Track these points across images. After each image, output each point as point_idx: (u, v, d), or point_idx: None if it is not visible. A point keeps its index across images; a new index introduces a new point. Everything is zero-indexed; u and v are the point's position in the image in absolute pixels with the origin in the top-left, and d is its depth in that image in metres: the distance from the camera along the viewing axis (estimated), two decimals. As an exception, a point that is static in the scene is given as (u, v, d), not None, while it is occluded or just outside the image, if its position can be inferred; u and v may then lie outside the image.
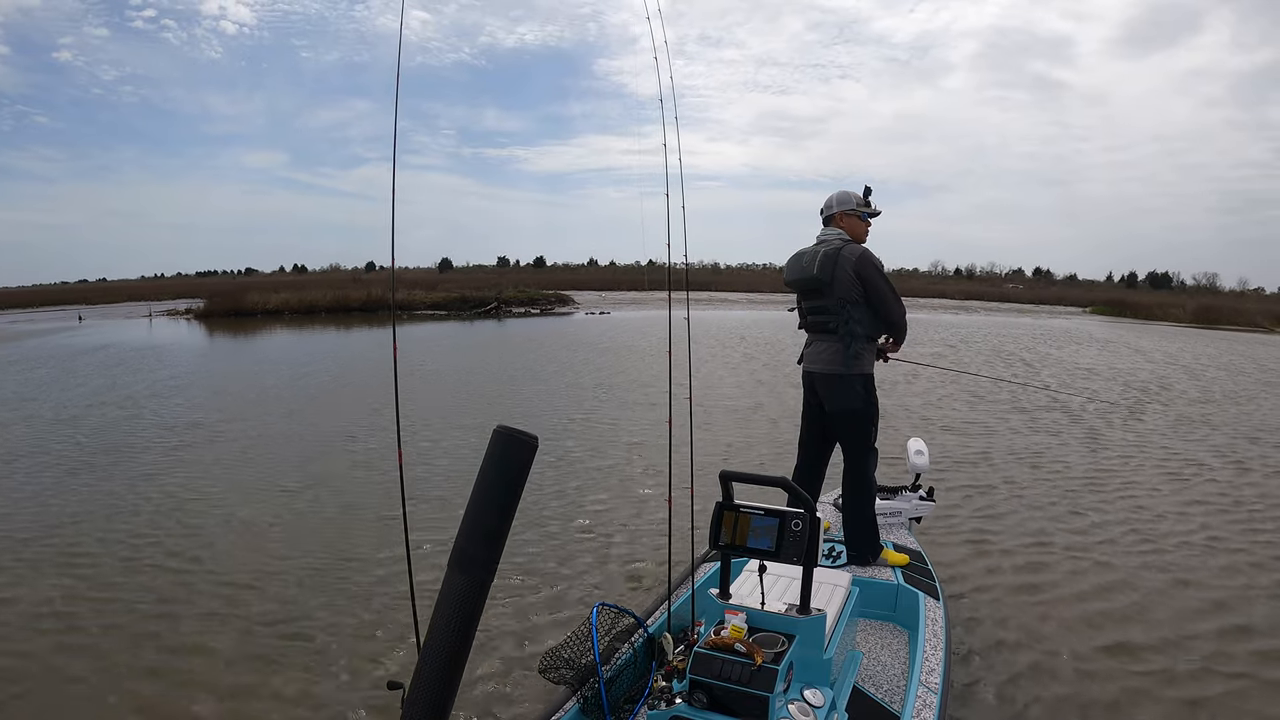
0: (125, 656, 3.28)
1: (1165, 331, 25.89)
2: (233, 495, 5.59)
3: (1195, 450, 7.28)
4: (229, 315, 25.81)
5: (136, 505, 5.36)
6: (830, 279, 3.13)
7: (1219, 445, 7.50)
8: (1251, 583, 4.12)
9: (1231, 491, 5.88)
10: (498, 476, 1.14)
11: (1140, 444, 7.52)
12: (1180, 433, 8.07)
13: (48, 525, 4.95)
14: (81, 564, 4.29)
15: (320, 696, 2.98)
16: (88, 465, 6.47)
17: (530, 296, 31.91)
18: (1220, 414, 9.31)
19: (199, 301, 28.19)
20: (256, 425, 8.16)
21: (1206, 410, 9.54)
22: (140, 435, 7.65)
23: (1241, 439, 7.82)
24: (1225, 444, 7.56)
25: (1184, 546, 4.66)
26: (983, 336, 20.95)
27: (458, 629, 1.12)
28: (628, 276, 48.07)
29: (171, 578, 4.11)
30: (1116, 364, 14.67)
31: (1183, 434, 7.99)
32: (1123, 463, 6.75)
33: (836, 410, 3.22)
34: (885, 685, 2.42)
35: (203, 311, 26.70)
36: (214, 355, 16.54)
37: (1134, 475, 6.35)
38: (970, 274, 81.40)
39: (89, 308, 35.49)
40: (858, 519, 3.18)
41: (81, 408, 9.27)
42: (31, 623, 3.57)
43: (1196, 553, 4.56)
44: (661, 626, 2.45)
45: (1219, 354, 17.50)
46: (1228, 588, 4.05)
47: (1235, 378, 13.05)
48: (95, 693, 3.01)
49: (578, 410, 8.95)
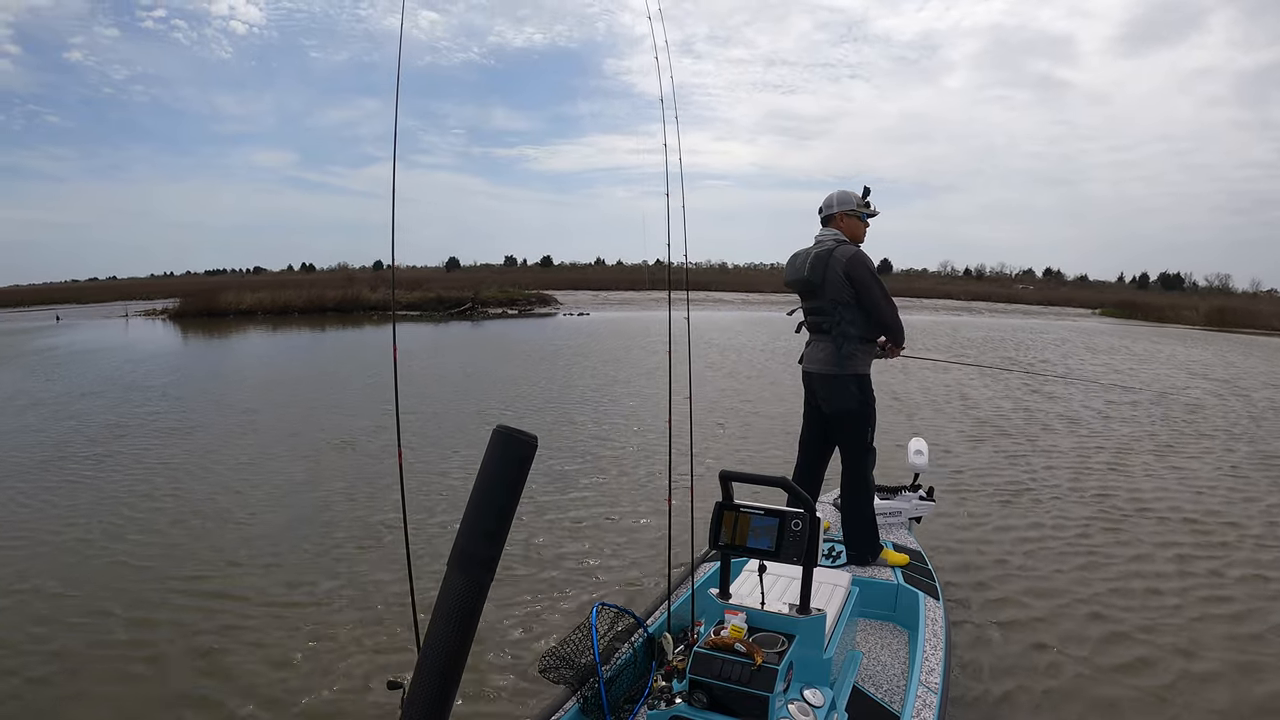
0: (119, 663, 3.28)
1: (1182, 335, 24.88)
2: (205, 492, 5.59)
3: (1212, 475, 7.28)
4: (202, 316, 25.55)
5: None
6: (822, 280, 3.14)
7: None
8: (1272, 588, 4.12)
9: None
10: (498, 476, 1.14)
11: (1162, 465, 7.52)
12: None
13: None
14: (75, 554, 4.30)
15: (320, 696, 2.97)
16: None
17: (510, 297, 31.25)
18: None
19: (175, 301, 27.77)
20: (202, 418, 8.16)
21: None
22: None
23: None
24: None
25: (1188, 545, 4.67)
26: (982, 340, 20.81)
27: (458, 629, 1.11)
28: (633, 276, 47.93)
29: (169, 577, 4.11)
30: (1139, 371, 13.62)
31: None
32: (1126, 465, 6.76)
33: (832, 411, 3.23)
34: (885, 685, 2.42)
35: (176, 312, 26.35)
36: (154, 356, 15.36)
37: (1140, 482, 6.35)
38: (980, 274, 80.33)
39: (79, 307, 35.41)
40: (857, 519, 3.18)
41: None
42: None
43: (1202, 556, 4.56)
44: (661, 626, 2.45)
45: (1254, 366, 15.25)
46: (1241, 594, 4.05)
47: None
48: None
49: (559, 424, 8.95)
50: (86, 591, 3.91)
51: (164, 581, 4.05)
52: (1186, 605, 3.84)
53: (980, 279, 76.01)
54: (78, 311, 32.26)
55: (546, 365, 13.16)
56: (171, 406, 9.31)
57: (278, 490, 5.73)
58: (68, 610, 3.70)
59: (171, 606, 3.76)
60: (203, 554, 4.43)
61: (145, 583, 4.04)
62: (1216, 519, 5.21)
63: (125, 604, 3.77)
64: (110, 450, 6.96)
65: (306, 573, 4.16)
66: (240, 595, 3.88)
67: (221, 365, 14.48)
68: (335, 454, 6.83)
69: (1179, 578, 4.19)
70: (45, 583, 4.01)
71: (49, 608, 3.73)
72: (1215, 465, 6.73)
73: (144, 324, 24.56)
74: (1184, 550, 4.61)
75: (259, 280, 47.91)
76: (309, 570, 4.19)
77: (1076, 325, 28.54)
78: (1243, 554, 4.55)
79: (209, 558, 4.38)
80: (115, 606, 3.74)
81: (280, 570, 4.20)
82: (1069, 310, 41.67)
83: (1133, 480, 6.19)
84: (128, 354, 15.61)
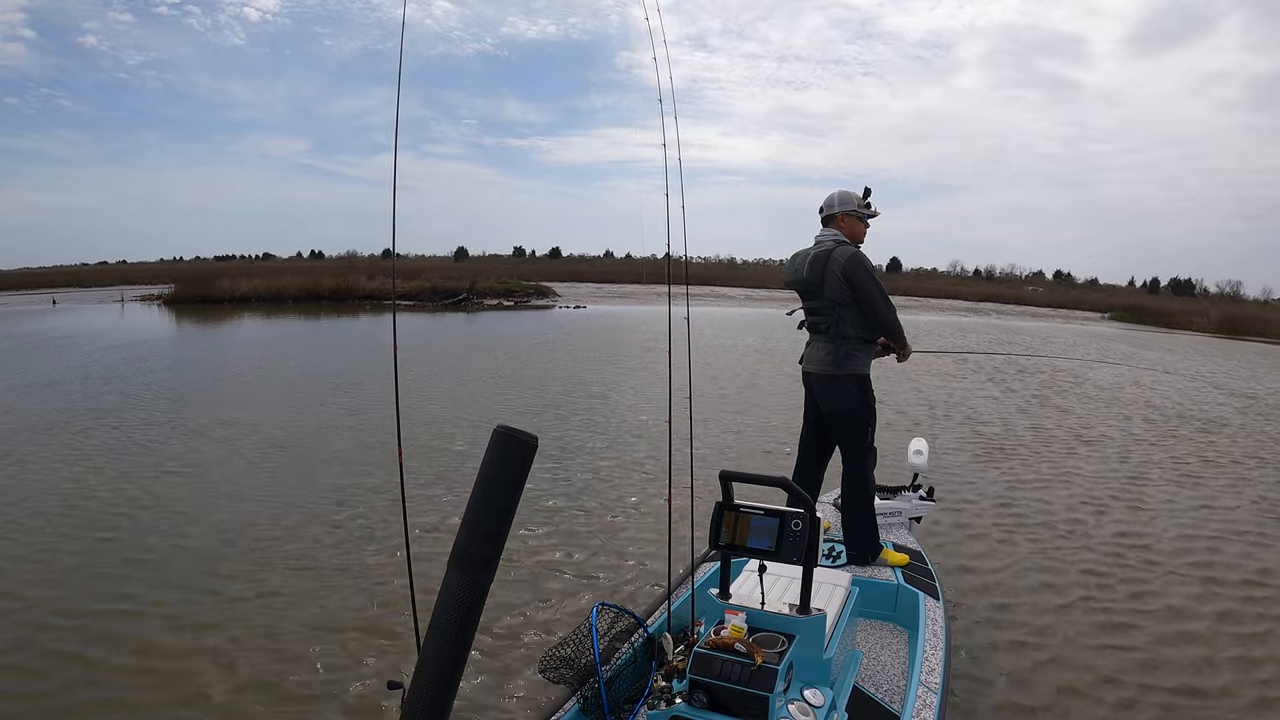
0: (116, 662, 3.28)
1: (1195, 343, 23.83)
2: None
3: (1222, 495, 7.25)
4: (196, 302, 25.25)
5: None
6: (820, 281, 3.14)
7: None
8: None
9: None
10: (498, 476, 1.13)
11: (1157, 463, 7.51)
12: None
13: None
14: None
15: (320, 696, 2.97)
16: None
17: (507, 288, 30.89)
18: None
19: (170, 287, 27.41)
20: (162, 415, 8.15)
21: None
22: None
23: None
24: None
25: (1189, 543, 4.67)
26: (984, 347, 20.61)
27: (457, 629, 1.11)
28: (640, 269, 47.76)
29: (166, 575, 4.11)
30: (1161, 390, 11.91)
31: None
32: (1130, 467, 6.76)
33: (831, 410, 3.24)
34: (885, 685, 2.42)
35: (171, 297, 26.05)
36: (135, 344, 14.83)
37: (1144, 487, 6.35)
38: (990, 275, 79.25)
39: (81, 291, 35.33)
40: (857, 519, 3.18)
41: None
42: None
43: (1205, 560, 4.56)
44: (661, 626, 2.44)
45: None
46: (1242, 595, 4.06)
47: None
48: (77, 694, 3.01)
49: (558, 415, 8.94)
50: (89, 590, 3.91)
51: (163, 581, 4.05)
52: (1187, 605, 3.84)
53: (990, 280, 74.98)
54: (79, 295, 32.21)
55: (542, 360, 13.13)
56: (124, 403, 8.79)
57: (275, 490, 5.73)
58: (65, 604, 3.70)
59: (169, 605, 3.76)
60: (190, 558, 4.43)
61: (145, 582, 4.04)
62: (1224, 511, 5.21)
63: (125, 599, 3.78)
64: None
65: (306, 572, 4.16)
66: (237, 596, 3.88)
67: (199, 358, 13.76)
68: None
69: (1182, 583, 4.19)
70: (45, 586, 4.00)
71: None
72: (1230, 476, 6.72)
73: (139, 309, 24.43)
74: (1185, 549, 4.61)
75: (257, 267, 47.65)
76: (309, 570, 4.19)
77: (1085, 330, 28.05)
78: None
79: (197, 561, 4.38)
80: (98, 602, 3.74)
81: (279, 569, 4.20)
82: (1078, 314, 41.12)
83: (1132, 479, 6.20)
84: (107, 340, 15.40)
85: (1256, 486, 6.20)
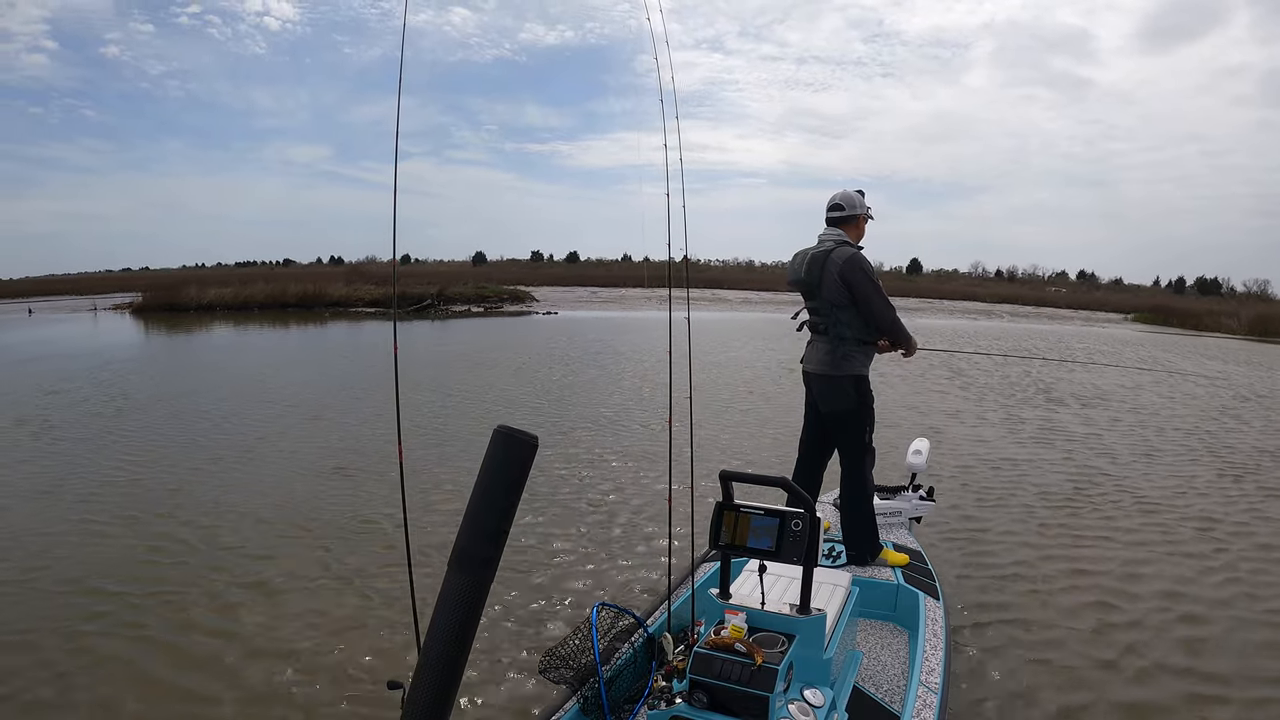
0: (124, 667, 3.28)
1: (1231, 348, 20.95)
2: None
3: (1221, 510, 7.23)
4: (164, 310, 25.06)
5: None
6: (819, 281, 3.15)
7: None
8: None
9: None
10: (498, 476, 1.14)
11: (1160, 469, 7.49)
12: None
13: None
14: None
15: (319, 696, 2.98)
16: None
17: (479, 293, 30.35)
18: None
19: (138, 295, 27.18)
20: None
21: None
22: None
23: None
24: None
25: (1191, 549, 4.66)
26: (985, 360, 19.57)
27: (458, 629, 1.12)
28: (644, 271, 47.41)
29: (166, 575, 4.11)
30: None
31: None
32: (1130, 467, 6.75)
33: (830, 411, 3.24)
34: (885, 685, 2.42)
35: (139, 306, 25.95)
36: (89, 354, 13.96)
37: (1145, 490, 6.35)
38: (1011, 276, 77.54)
39: (78, 299, 35.14)
40: (856, 519, 3.18)
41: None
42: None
43: (1205, 560, 4.56)
44: (661, 626, 2.45)
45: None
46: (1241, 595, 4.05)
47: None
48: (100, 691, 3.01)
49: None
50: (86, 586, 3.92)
51: (163, 579, 4.05)
52: (1186, 606, 3.84)
53: (1012, 281, 73.48)
54: (57, 304, 32.01)
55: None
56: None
57: (269, 494, 5.73)
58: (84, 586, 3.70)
59: (167, 604, 3.76)
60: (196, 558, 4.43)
61: (143, 580, 4.05)
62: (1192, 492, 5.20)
63: (118, 598, 3.78)
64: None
65: (306, 572, 4.16)
66: (236, 596, 3.88)
67: (142, 377, 11.43)
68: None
69: (1182, 582, 4.19)
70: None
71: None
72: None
73: (110, 318, 24.18)
74: (1185, 550, 4.61)
75: (225, 274, 46.72)
76: (309, 569, 4.20)
77: (1106, 333, 25.88)
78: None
79: (205, 561, 4.38)
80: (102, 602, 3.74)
81: (279, 569, 4.20)
82: (1099, 315, 39.46)
83: (1133, 482, 6.19)
84: (61, 349, 14.99)
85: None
